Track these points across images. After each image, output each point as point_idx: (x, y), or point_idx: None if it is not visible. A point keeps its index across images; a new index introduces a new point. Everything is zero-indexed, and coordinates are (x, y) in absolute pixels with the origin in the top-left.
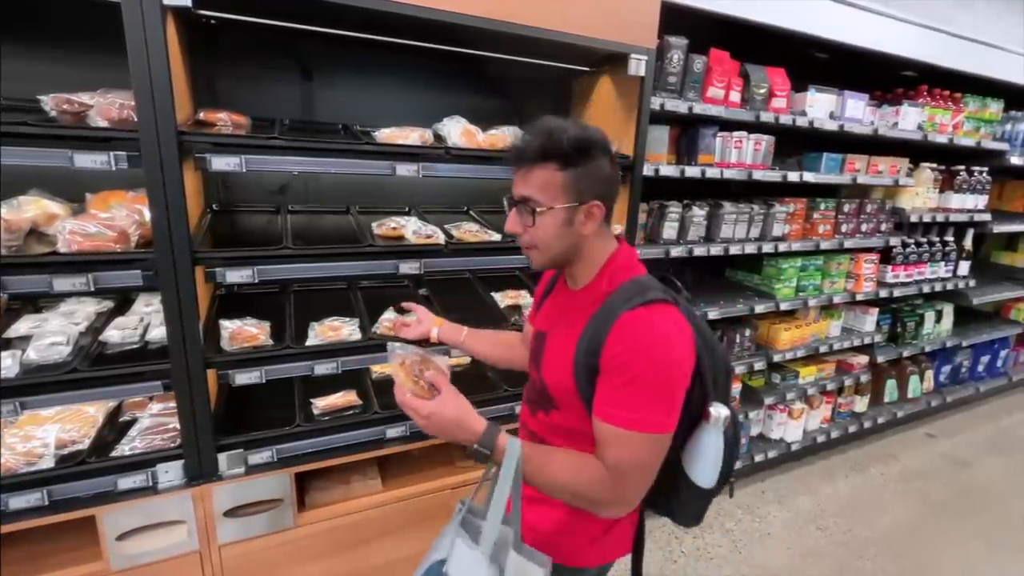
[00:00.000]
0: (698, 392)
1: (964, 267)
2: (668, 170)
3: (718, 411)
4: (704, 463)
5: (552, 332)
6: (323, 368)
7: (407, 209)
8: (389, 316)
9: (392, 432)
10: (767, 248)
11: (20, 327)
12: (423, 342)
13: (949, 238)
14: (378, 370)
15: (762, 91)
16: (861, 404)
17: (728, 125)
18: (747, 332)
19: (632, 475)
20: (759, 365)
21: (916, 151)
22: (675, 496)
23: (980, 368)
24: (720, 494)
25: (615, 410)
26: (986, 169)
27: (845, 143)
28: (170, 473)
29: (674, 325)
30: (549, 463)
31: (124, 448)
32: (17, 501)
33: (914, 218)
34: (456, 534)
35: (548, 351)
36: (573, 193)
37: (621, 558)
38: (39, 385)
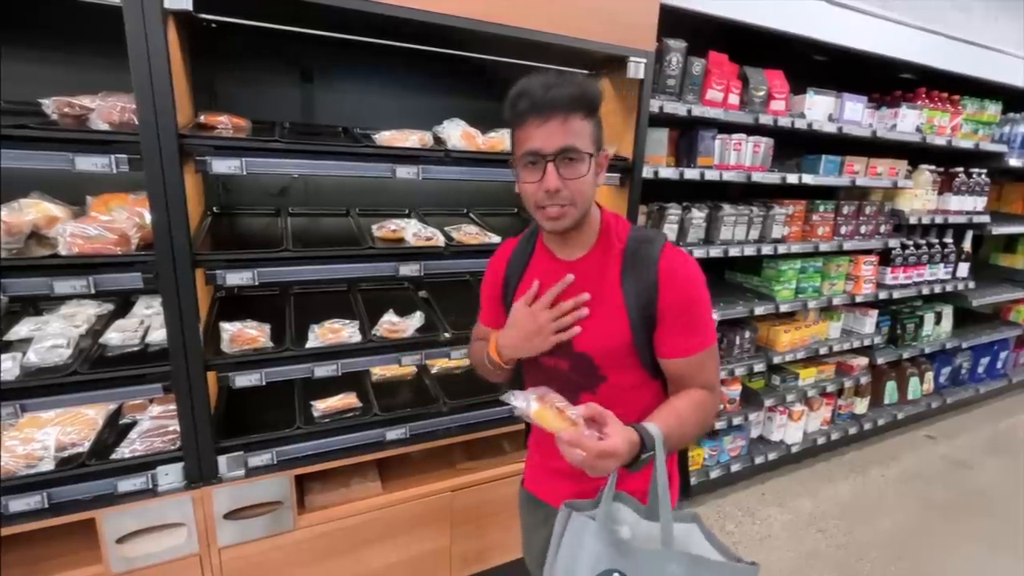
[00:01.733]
0: None
1: (963, 269)
2: (667, 172)
3: None
4: None
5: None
6: (323, 370)
7: (407, 211)
8: (389, 318)
9: (392, 434)
10: (766, 250)
11: (21, 329)
12: None
13: (948, 240)
14: (378, 372)
15: (761, 93)
16: (861, 406)
17: (727, 127)
18: (747, 334)
19: (718, 380)
20: (759, 367)
21: (915, 153)
22: None
23: (980, 370)
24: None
25: (695, 340)
26: (985, 171)
27: (844, 145)
28: (170, 475)
29: (685, 252)
30: (683, 426)
31: (124, 450)
32: (17, 504)
33: (913, 220)
34: (612, 543)
35: (579, 327)
36: (596, 143)
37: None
38: (39, 387)
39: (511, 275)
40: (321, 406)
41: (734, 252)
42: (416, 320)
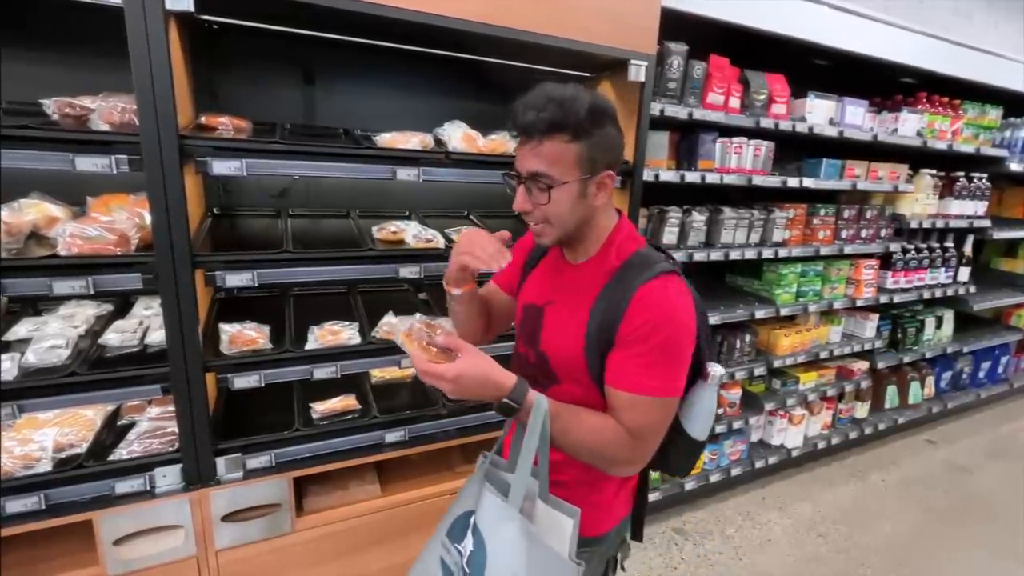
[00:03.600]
0: (695, 354)
1: (964, 273)
2: (668, 175)
3: (715, 370)
4: (701, 418)
5: (552, 307)
6: (322, 372)
7: (407, 213)
8: (389, 320)
9: (391, 437)
10: (767, 253)
11: (19, 330)
12: None
13: (949, 244)
14: (378, 374)
15: (762, 97)
16: (862, 410)
17: (728, 131)
18: (747, 338)
19: (649, 437)
20: (759, 371)
21: (915, 157)
22: (672, 449)
23: (981, 374)
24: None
25: (636, 378)
26: (985, 175)
27: (845, 149)
28: (168, 477)
29: (683, 295)
30: (575, 423)
31: (122, 452)
32: (14, 505)
33: (914, 224)
34: (482, 486)
35: (549, 326)
36: (587, 165)
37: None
38: (38, 388)
39: (533, 257)
40: (320, 408)
41: (735, 255)
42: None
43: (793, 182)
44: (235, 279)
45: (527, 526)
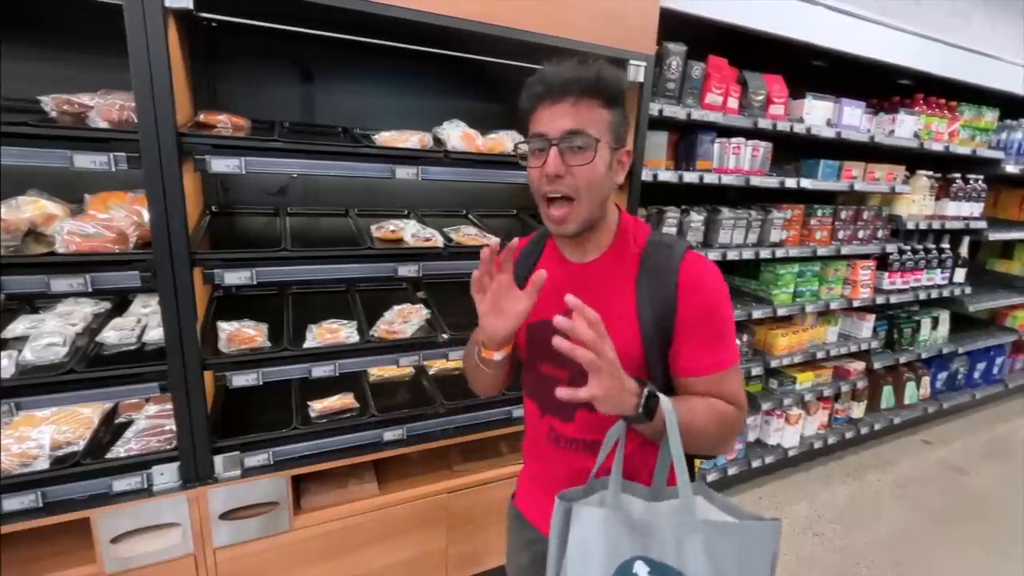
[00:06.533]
0: None
1: (960, 274)
2: (666, 175)
3: None
4: None
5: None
6: (321, 370)
7: (406, 212)
8: (388, 318)
9: (389, 435)
10: (764, 254)
11: (17, 327)
12: None
13: (945, 245)
14: (376, 373)
15: (760, 98)
16: (858, 410)
17: (726, 131)
18: (744, 337)
19: (744, 400)
20: (756, 370)
21: (912, 159)
22: None
23: (976, 375)
24: None
25: (716, 358)
26: (982, 177)
27: (842, 150)
28: (165, 475)
29: (710, 262)
30: (694, 416)
31: (119, 450)
32: (11, 503)
33: (910, 225)
34: (629, 527)
35: None
36: (615, 135)
37: None
38: (35, 386)
39: (518, 276)
40: (318, 406)
41: (732, 256)
42: (414, 321)
43: (791, 183)
44: (233, 277)
45: (709, 525)
